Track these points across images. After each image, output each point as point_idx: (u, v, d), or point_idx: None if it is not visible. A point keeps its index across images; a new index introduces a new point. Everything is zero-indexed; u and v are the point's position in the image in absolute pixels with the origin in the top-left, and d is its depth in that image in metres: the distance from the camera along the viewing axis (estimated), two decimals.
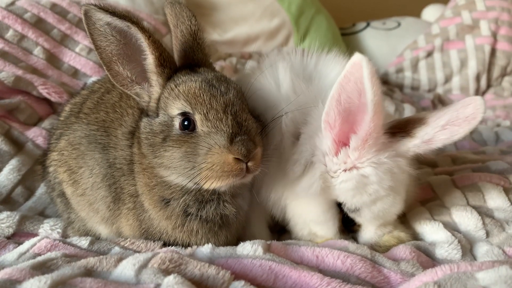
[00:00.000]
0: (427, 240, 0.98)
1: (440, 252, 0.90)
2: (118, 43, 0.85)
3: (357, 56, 0.76)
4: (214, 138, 0.81)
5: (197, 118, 0.83)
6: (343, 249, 0.84)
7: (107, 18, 0.82)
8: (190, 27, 0.97)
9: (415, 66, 2.81)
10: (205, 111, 0.83)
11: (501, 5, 2.78)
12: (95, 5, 0.81)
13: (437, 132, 0.87)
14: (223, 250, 0.83)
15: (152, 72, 0.88)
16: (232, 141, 0.80)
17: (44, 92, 1.43)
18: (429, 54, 2.79)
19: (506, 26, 2.71)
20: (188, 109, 0.84)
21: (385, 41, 3.06)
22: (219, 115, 0.82)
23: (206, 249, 0.84)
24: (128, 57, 0.87)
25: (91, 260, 0.76)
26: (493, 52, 2.69)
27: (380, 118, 0.81)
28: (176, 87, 0.86)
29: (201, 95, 0.83)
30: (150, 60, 0.87)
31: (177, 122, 0.85)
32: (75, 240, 0.94)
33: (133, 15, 0.84)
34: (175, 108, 0.85)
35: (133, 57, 0.87)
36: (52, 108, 1.49)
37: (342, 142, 0.89)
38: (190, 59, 0.96)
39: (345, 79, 0.79)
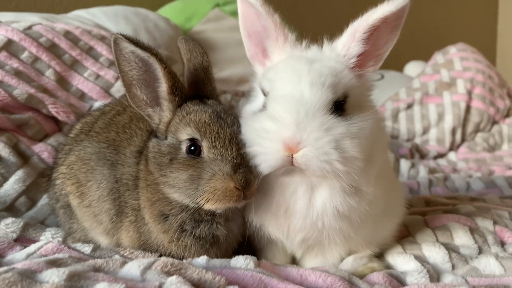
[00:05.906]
0: (398, 270, 1.06)
1: (410, 280, 0.98)
2: (139, 69, 0.94)
3: None
4: (219, 165, 0.90)
5: (204, 145, 0.92)
6: (324, 271, 0.93)
7: (131, 47, 0.92)
8: (202, 62, 1.07)
9: (395, 117, 2.96)
10: (213, 139, 0.91)
11: (476, 67, 2.99)
12: (123, 35, 0.91)
13: None
14: (217, 262, 0.91)
15: (165, 98, 0.97)
16: (235, 171, 0.89)
17: (53, 110, 1.51)
18: (409, 106, 2.96)
19: (480, 86, 2.92)
20: (197, 136, 0.92)
21: None
22: (225, 144, 0.92)
23: (202, 260, 0.92)
24: (146, 83, 0.96)
25: (98, 261, 0.82)
26: (468, 109, 2.88)
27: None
28: (187, 115, 0.95)
29: (211, 125, 0.93)
30: (163, 87, 0.96)
31: (184, 146, 0.93)
32: (78, 246, 0.99)
33: (153, 47, 0.94)
34: (185, 133, 0.94)
35: (150, 83, 0.96)
36: (59, 126, 1.56)
37: None
38: (200, 90, 1.06)
39: (242, 11, 1.01)
